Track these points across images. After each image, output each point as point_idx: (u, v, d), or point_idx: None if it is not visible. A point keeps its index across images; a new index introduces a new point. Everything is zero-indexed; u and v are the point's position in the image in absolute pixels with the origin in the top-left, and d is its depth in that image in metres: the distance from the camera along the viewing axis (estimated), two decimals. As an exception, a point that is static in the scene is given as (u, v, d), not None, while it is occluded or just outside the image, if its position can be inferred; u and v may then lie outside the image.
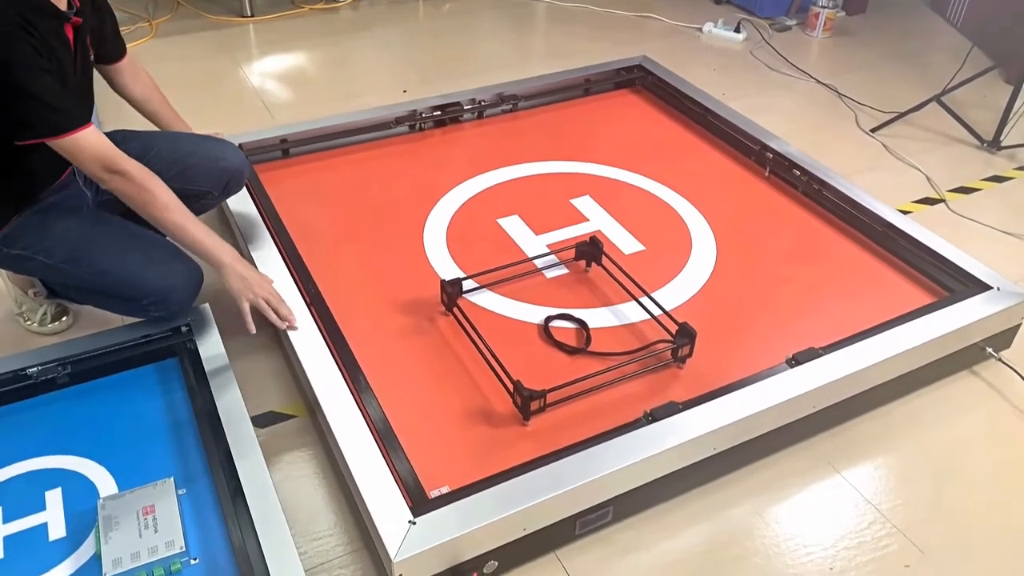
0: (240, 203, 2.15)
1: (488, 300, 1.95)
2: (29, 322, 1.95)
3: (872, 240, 2.17)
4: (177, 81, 3.07)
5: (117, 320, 1.92)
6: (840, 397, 1.70)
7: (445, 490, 1.46)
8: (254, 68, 3.34)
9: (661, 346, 1.78)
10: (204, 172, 1.92)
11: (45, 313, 1.95)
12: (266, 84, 3.21)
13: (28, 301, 1.94)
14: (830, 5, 3.66)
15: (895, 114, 2.94)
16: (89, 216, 1.77)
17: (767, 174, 2.45)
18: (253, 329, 1.70)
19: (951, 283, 1.97)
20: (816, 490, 1.65)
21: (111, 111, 1.63)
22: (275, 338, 1.94)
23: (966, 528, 1.59)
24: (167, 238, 1.82)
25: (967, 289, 1.92)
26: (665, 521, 1.58)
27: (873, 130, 2.94)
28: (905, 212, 2.39)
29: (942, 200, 2.58)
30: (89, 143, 1.55)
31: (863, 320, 1.83)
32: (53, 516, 1.47)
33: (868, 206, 2.19)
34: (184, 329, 1.80)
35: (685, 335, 1.74)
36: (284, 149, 2.47)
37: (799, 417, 1.66)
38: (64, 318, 1.97)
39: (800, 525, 1.58)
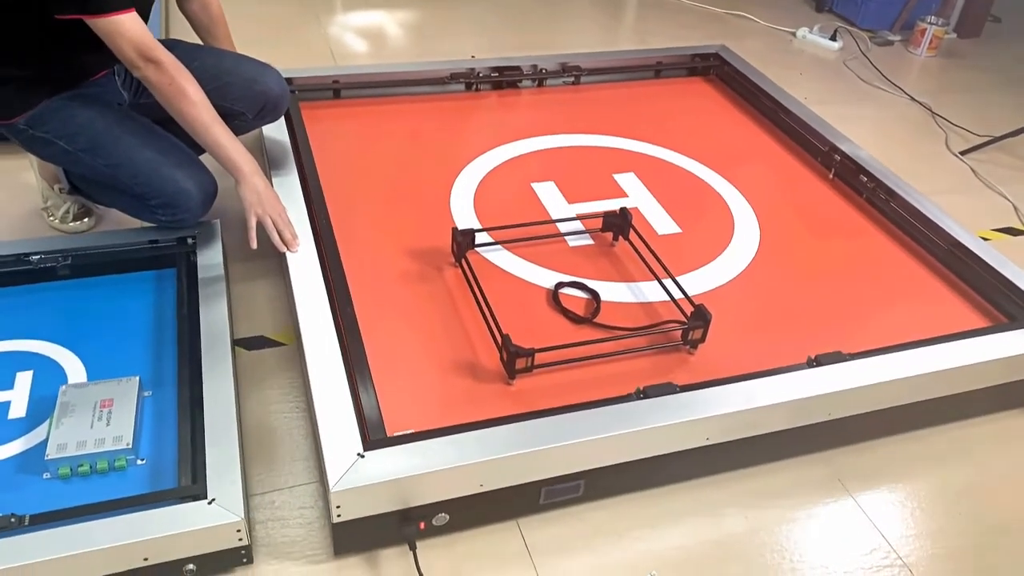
0: (275, 131, 2.12)
1: (501, 258, 1.86)
2: (52, 218, 1.97)
3: (934, 257, 1.98)
4: (250, 17, 3.10)
5: (136, 226, 1.91)
6: (861, 409, 1.53)
7: (409, 433, 1.38)
8: (333, 18, 3.34)
9: (671, 326, 1.65)
10: (241, 92, 1.89)
11: (67, 211, 1.96)
12: (339, 34, 3.20)
13: (53, 196, 1.96)
14: (939, 23, 3.42)
15: (989, 138, 2.70)
16: (118, 111, 1.76)
17: (831, 176, 2.28)
18: (255, 244, 1.66)
19: (1015, 311, 1.77)
20: (819, 505, 1.49)
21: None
22: (282, 267, 1.89)
23: (982, 575, 1.40)
24: (191, 150, 1.81)
25: (1031, 318, 1.72)
26: (644, 509, 1.45)
27: (963, 152, 2.71)
28: (983, 239, 2.17)
29: (1027, 232, 2.35)
30: (128, 27, 1.53)
31: (908, 336, 1.65)
32: (18, 396, 1.46)
33: (936, 221, 2.00)
34: (190, 241, 1.78)
35: (699, 318, 1.60)
36: (335, 90, 2.44)
37: (811, 423, 1.51)
38: (86, 219, 1.98)
39: (792, 538, 1.43)
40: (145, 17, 1.69)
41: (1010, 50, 3.62)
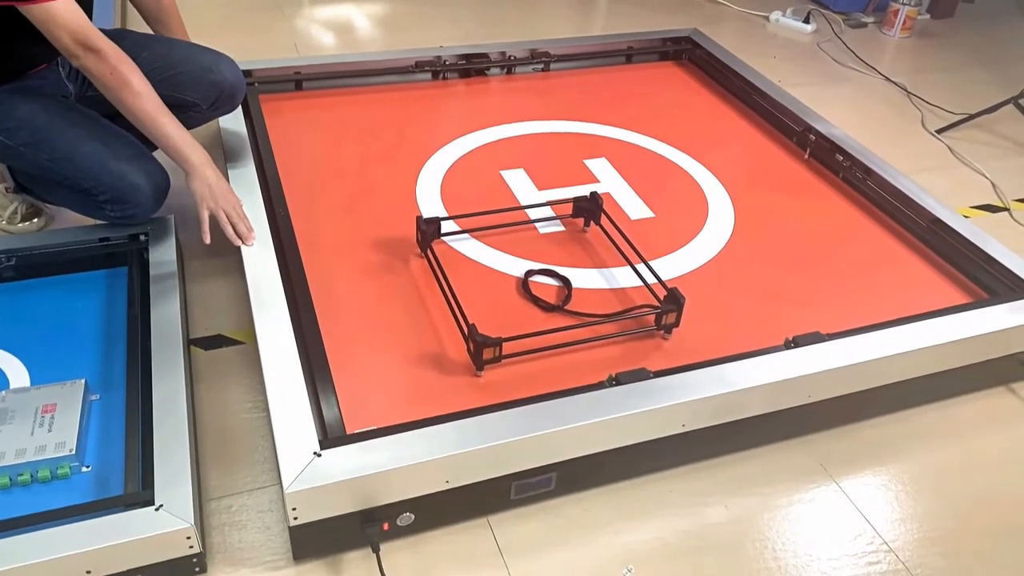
0: (232, 123, 2.04)
1: (469, 247, 1.79)
2: (-1, 219, 1.89)
3: (913, 235, 1.93)
4: (210, 10, 3.03)
5: (87, 224, 1.83)
6: (842, 390, 1.48)
7: (369, 430, 1.31)
8: (298, 11, 3.26)
9: (644, 311, 1.59)
10: (194, 82, 1.82)
11: (15, 211, 1.87)
12: (305, 27, 3.13)
13: (0, 197, 1.87)
14: (912, 3, 3.38)
15: (965, 116, 2.67)
16: (61, 104, 1.68)
17: (807, 156, 2.23)
18: (208, 238, 1.59)
19: (996, 286, 1.73)
20: (801, 491, 1.44)
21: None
22: (242, 264, 1.82)
23: (969, 556, 1.35)
24: (140, 142, 1.73)
25: (1012, 293, 1.67)
26: (619, 501, 1.39)
27: (939, 131, 2.67)
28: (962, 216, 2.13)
29: (1006, 208, 2.31)
30: (62, 13, 1.45)
31: (887, 315, 1.60)
32: (-45, 404, 1.38)
33: (914, 198, 1.95)
34: (142, 238, 1.70)
35: (672, 301, 1.55)
36: (297, 81, 2.36)
37: (791, 406, 1.45)
38: (36, 219, 1.89)
39: (774, 527, 1.37)
40: (88, 6, 1.61)
41: (983, 30, 3.60)
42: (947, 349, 1.52)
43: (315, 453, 1.20)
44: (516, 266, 1.75)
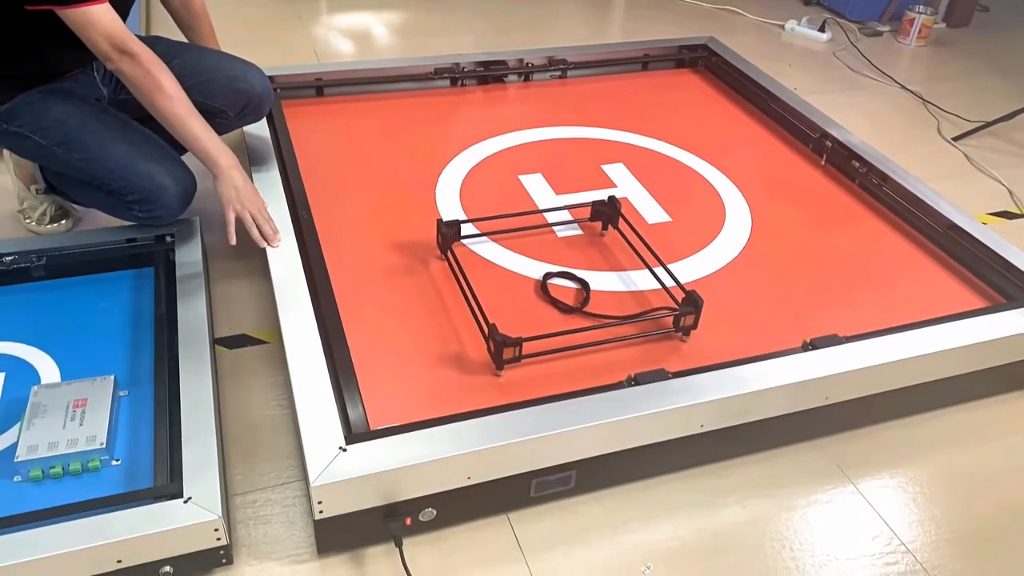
0: (257, 128, 2.08)
1: (488, 250, 1.82)
2: (28, 220, 1.92)
3: (930, 240, 1.94)
4: (234, 18, 3.07)
5: (114, 225, 1.87)
6: (859, 393, 1.49)
7: (393, 427, 1.33)
8: (317, 19, 3.31)
9: (662, 312, 1.61)
10: (222, 90, 1.86)
11: (44, 212, 1.91)
12: (323, 35, 3.17)
13: (30, 198, 1.91)
14: (927, 12, 3.40)
15: (982, 123, 2.67)
16: (95, 106, 1.72)
17: (823, 163, 2.24)
18: (233, 240, 1.62)
19: (1014, 291, 1.73)
20: (818, 492, 1.45)
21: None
22: (264, 264, 1.85)
23: (988, 559, 1.36)
24: (170, 146, 1.76)
25: (1030, 297, 1.68)
26: (638, 500, 1.41)
27: (955, 139, 2.68)
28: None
29: (1023, 215, 2.31)
30: (100, 18, 1.49)
31: (904, 319, 1.61)
32: (-12, 399, 1.41)
33: (930, 203, 1.96)
34: (169, 239, 1.74)
35: (690, 303, 1.56)
36: (318, 87, 2.40)
37: (808, 407, 1.47)
38: (64, 220, 1.94)
39: (792, 527, 1.38)
40: (125, 12, 1.65)
41: (999, 38, 3.60)
42: (965, 353, 1.53)
43: (340, 448, 1.23)
44: (535, 268, 1.77)
